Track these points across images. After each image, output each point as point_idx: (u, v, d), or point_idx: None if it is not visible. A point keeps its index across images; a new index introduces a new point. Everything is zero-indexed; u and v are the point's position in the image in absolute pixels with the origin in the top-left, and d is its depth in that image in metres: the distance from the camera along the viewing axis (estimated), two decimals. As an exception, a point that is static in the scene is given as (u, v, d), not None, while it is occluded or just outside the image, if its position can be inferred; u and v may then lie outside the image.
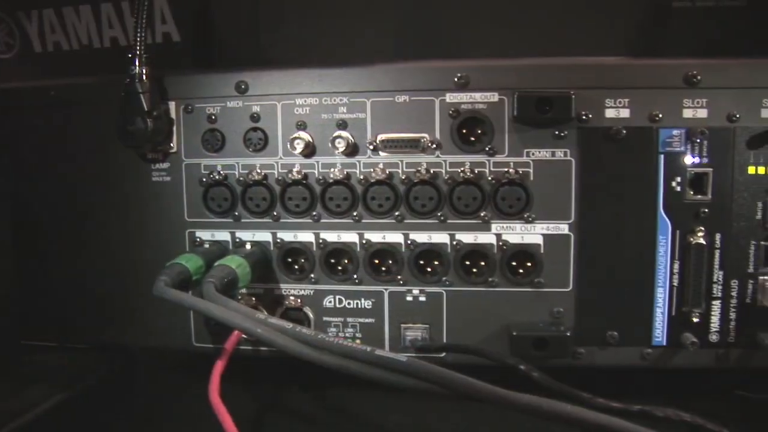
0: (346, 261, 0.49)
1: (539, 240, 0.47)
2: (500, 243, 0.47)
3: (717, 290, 0.47)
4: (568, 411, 0.33)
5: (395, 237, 0.47)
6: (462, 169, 0.46)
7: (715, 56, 0.46)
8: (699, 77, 0.45)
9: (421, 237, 0.47)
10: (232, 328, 0.40)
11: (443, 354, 0.47)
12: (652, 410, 0.36)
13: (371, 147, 0.47)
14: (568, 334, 0.46)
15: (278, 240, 0.49)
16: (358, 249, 0.48)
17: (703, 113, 0.46)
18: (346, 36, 0.56)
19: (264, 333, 0.39)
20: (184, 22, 0.55)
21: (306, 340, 0.38)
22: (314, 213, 0.48)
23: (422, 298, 0.48)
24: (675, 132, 0.46)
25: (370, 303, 0.48)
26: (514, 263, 0.47)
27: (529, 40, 0.54)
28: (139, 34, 0.46)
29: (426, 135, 0.46)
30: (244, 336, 0.42)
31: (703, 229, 0.46)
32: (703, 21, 0.53)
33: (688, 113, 0.46)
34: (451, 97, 0.46)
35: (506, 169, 0.46)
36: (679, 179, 0.46)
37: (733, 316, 0.47)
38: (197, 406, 0.40)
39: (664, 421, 0.36)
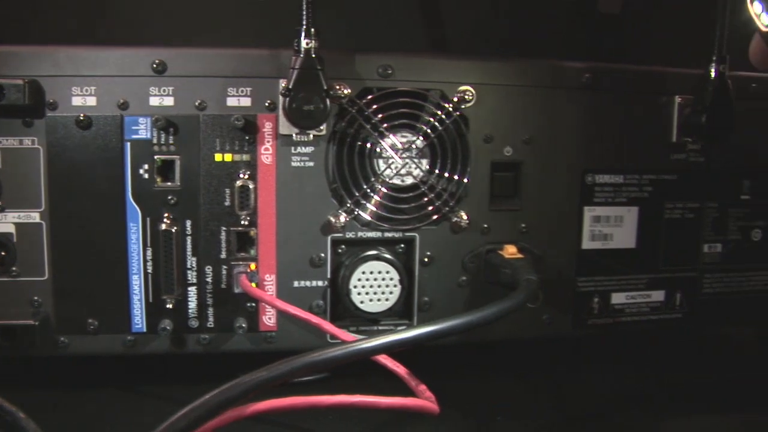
0: None
1: (12, 229, 0.47)
2: (-28, 233, 0.47)
3: (192, 276, 0.47)
4: None
5: None
6: (-73, 158, 0.46)
7: (183, 46, 0.47)
8: (166, 65, 0.46)
9: None
10: None
11: None
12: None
13: None
14: (35, 323, 0.46)
15: None
16: None
17: (170, 101, 0.46)
18: None
19: None
20: None
21: None
22: None
23: None
24: (141, 120, 0.46)
25: None
26: (-11, 253, 0.47)
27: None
28: None
29: None
30: None
31: (172, 216, 0.47)
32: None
33: (155, 101, 0.46)
34: None
35: (-27, 158, 0.46)
36: (146, 167, 0.46)
37: (210, 301, 0.47)
38: None
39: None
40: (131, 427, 0.42)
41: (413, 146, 0.48)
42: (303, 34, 0.44)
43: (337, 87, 0.46)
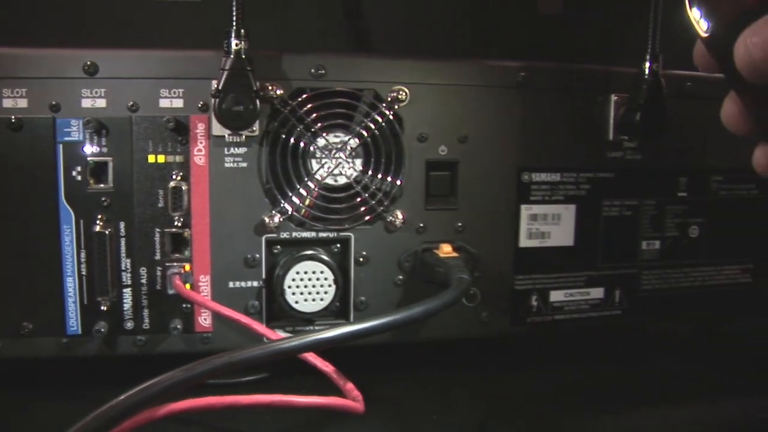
0: None
1: (-53, 232, 0.46)
2: None
3: (126, 278, 0.47)
4: None
5: None
6: None
7: (114, 47, 0.47)
8: (98, 66, 0.46)
9: None
10: None
11: None
12: None
13: None
14: (-32, 325, 0.46)
15: None
16: None
17: (102, 103, 0.46)
18: None
19: None
20: None
21: None
22: None
23: None
24: (73, 122, 0.46)
25: None
26: None
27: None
28: None
29: None
30: None
31: (105, 218, 0.47)
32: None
33: (87, 103, 0.46)
34: None
35: None
36: (79, 169, 0.46)
37: (145, 303, 0.47)
38: None
39: None
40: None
41: (347, 146, 0.48)
42: (233, 34, 0.44)
43: (270, 87, 0.47)
